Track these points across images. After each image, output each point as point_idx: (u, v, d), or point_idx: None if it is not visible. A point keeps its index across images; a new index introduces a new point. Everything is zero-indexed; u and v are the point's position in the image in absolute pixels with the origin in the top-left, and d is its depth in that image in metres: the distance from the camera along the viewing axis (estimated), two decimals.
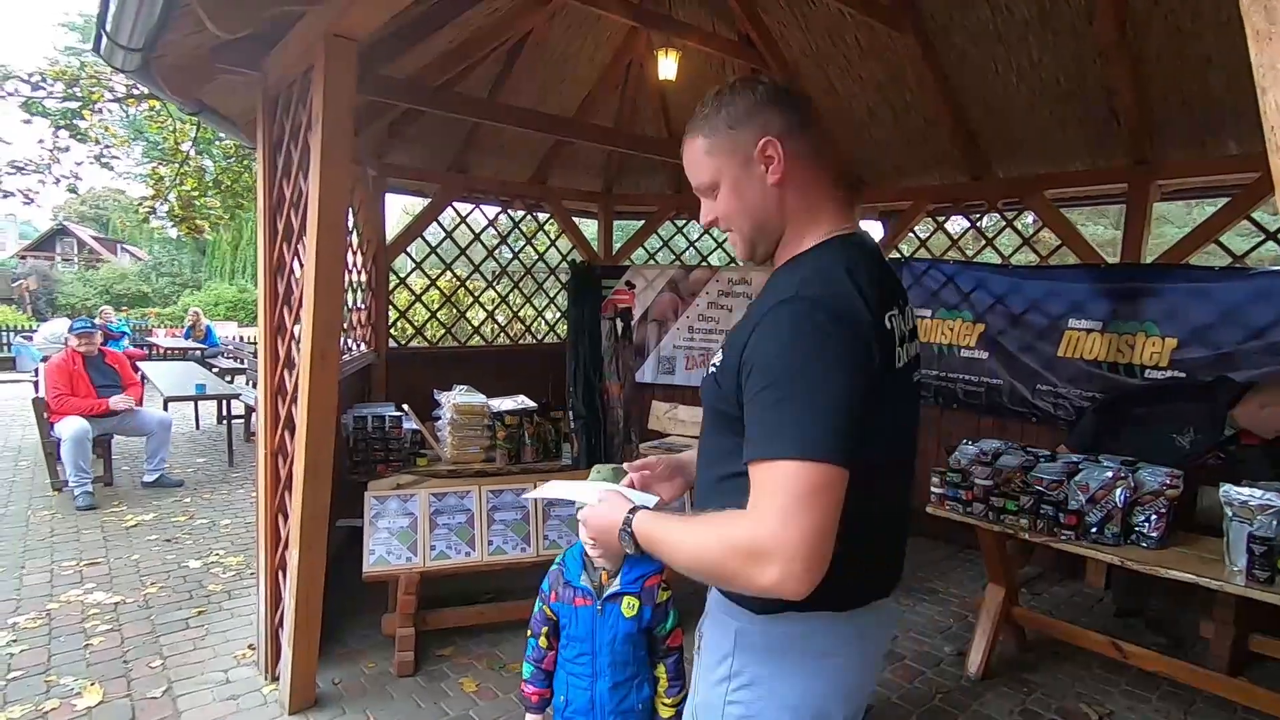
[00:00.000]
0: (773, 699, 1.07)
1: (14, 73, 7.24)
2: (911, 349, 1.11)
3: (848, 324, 0.95)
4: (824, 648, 1.08)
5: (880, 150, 4.67)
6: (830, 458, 0.89)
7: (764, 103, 1.08)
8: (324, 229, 2.15)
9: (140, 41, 2.11)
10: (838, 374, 0.92)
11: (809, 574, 0.88)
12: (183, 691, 2.69)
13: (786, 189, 1.08)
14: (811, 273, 1.03)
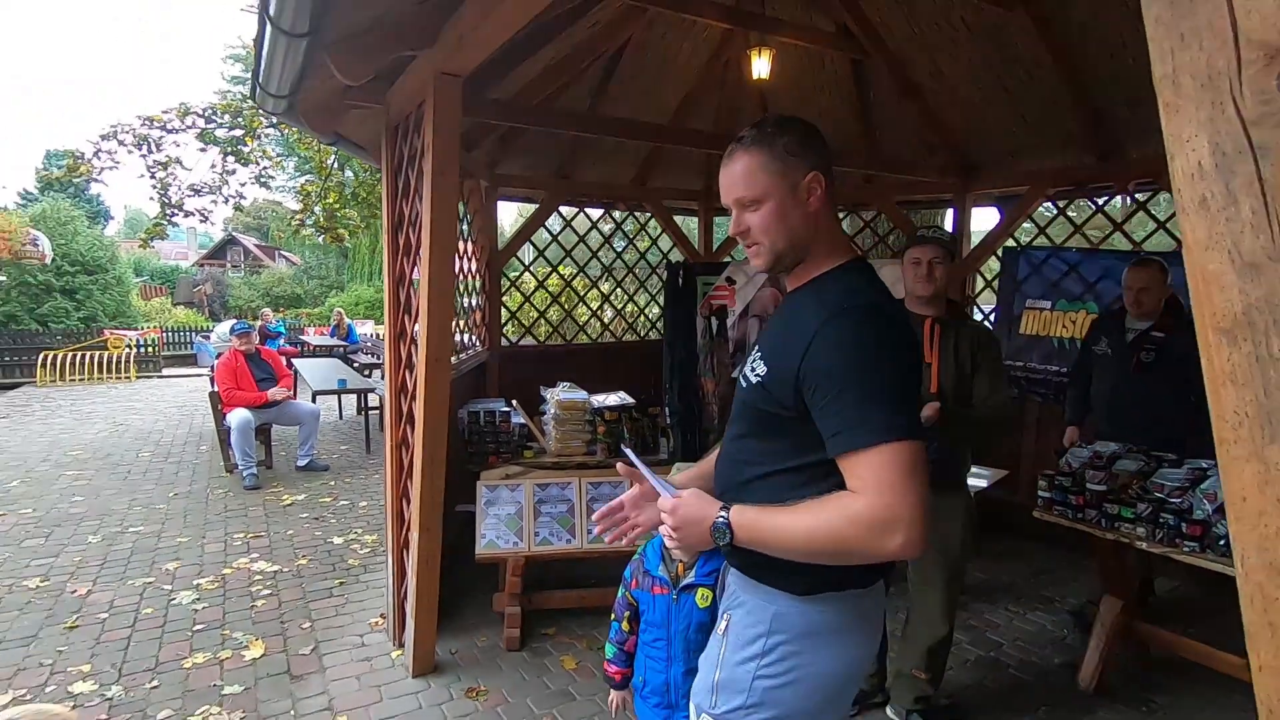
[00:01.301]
0: (806, 672, 1.21)
1: (192, 108, 8.33)
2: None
3: (900, 325, 1.17)
4: (851, 623, 1.23)
5: (995, 133, 4.43)
6: (916, 435, 1.07)
7: (812, 139, 1.23)
8: (435, 247, 2.40)
9: (286, 89, 2.45)
10: (902, 367, 1.13)
11: (924, 535, 1.05)
12: (327, 651, 3.09)
13: (819, 218, 1.24)
14: (849, 289, 1.19)
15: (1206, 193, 0.47)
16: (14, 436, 7.51)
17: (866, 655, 1.28)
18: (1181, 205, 0.49)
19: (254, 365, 6.02)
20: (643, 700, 1.83)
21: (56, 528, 4.59)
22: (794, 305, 1.26)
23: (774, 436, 1.22)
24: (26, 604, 3.49)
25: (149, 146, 8.33)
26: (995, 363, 2.46)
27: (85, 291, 18.71)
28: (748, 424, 1.28)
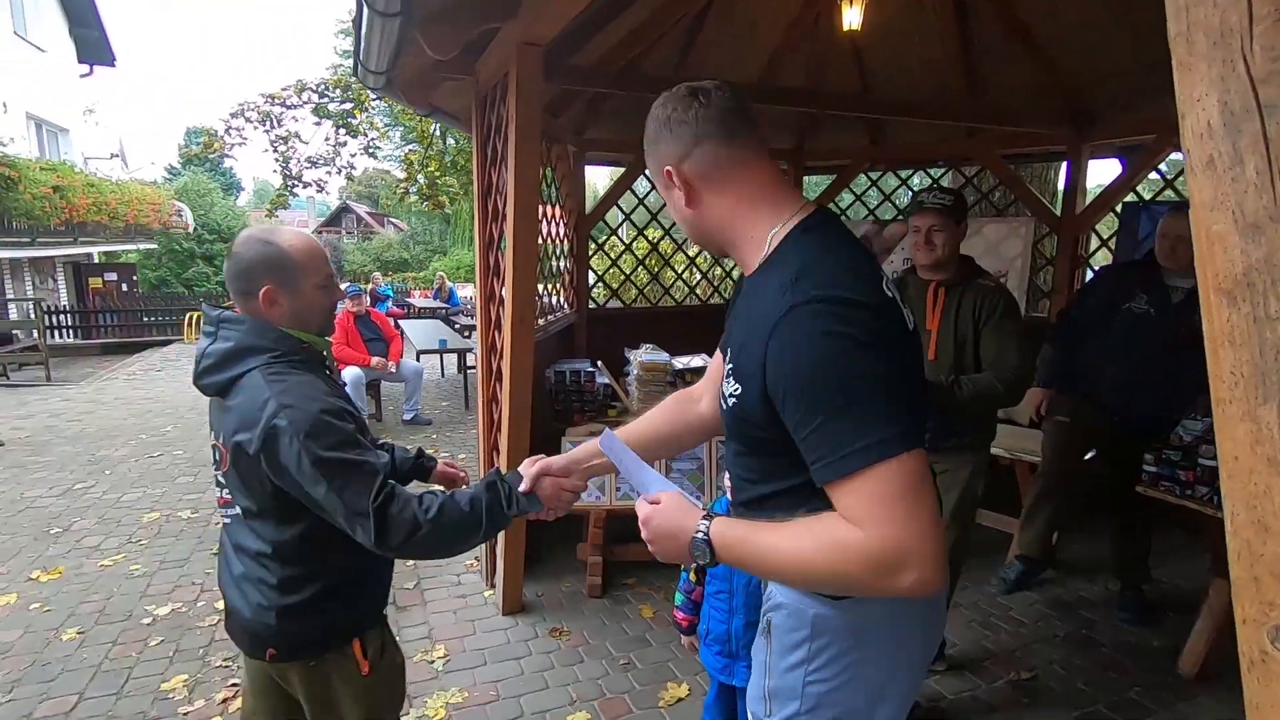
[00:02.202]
0: (858, 671, 1.09)
1: (307, 84, 8.90)
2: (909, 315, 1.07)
3: (862, 311, 0.92)
4: (900, 615, 1.08)
5: (1115, 77, 4.05)
6: (911, 444, 0.89)
7: (663, 128, 1.07)
8: (519, 213, 2.51)
9: (384, 66, 2.60)
10: (876, 364, 0.91)
11: (941, 566, 0.89)
12: (428, 587, 3.38)
13: (703, 207, 1.08)
14: (797, 274, 0.96)
15: (1214, 152, 0.47)
16: (168, 387, 8.49)
17: (924, 645, 1.15)
18: (1190, 166, 0.49)
19: (363, 326, 6.49)
20: (706, 648, 1.92)
21: (203, 467, 5.20)
22: (748, 296, 1.06)
23: (772, 454, 1.05)
24: (180, 532, 4.02)
25: (271, 122, 9.00)
26: (1005, 322, 2.26)
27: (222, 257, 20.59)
28: (741, 443, 1.13)
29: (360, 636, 1.41)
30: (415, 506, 1.25)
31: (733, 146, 1.04)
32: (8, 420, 6.56)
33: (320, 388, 1.32)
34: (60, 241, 11.98)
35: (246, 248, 1.37)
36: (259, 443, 1.24)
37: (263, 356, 1.32)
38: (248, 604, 1.35)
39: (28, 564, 3.58)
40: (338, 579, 1.37)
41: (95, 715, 2.43)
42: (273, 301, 1.35)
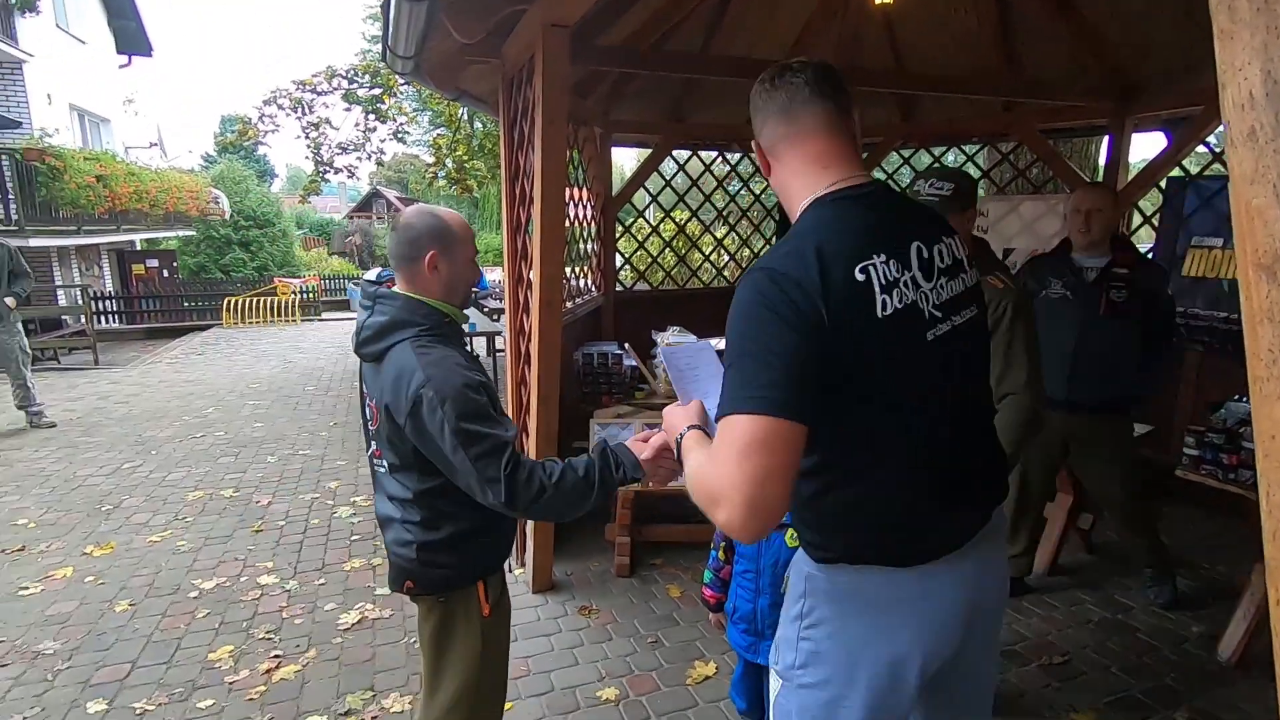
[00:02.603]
0: (836, 641, 1.14)
1: (337, 71, 8.99)
2: (925, 291, 1.08)
3: (783, 288, 0.98)
4: (884, 599, 1.12)
5: (1161, 46, 3.89)
6: (767, 410, 0.94)
7: (751, 106, 1.19)
8: (546, 195, 2.52)
9: (411, 50, 2.62)
10: (772, 336, 0.97)
11: (752, 518, 0.95)
12: None
13: (773, 178, 1.20)
14: (776, 247, 1.09)
15: (1255, 124, 0.45)
16: (209, 370, 8.75)
17: (913, 640, 1.12)
18: (1230, 138, 0.47)
19: None
20: (733, 625, 1.94)
21: (243, 448, 5.37)
22: None
23: None
24: (223, 510, 4.16)
25: (302, 109, 9.11)
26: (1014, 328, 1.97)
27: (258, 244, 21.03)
28: None
29: (484, 580, 1.58)
30: (540, 473, 1.40)
31: (791, 124, 1.13)
32: (60, 402, 6.83)
33: (460, 361, 1.47)
34: (104, 229, 12.34)
35: (418, 219, 1.54)
36: (407, 410, 1.40)
37: (412, 330, 1.47)
38: (394, 542, 1.55)
39: (82, 539, 3.75)
40: (469, 525, 1.53)
41: (147, 683, 2.55)
42: (434, 266, 1.51)
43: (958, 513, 1.15)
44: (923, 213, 1.18)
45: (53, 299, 11.45)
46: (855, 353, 1.01)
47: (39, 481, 4.64)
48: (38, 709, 2.41)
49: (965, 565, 1.15)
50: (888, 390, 1.05)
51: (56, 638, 2.83)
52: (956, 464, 1.13)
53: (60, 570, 3.39)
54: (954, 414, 1.13)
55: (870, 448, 1.08)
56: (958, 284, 1.14)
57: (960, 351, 1.12)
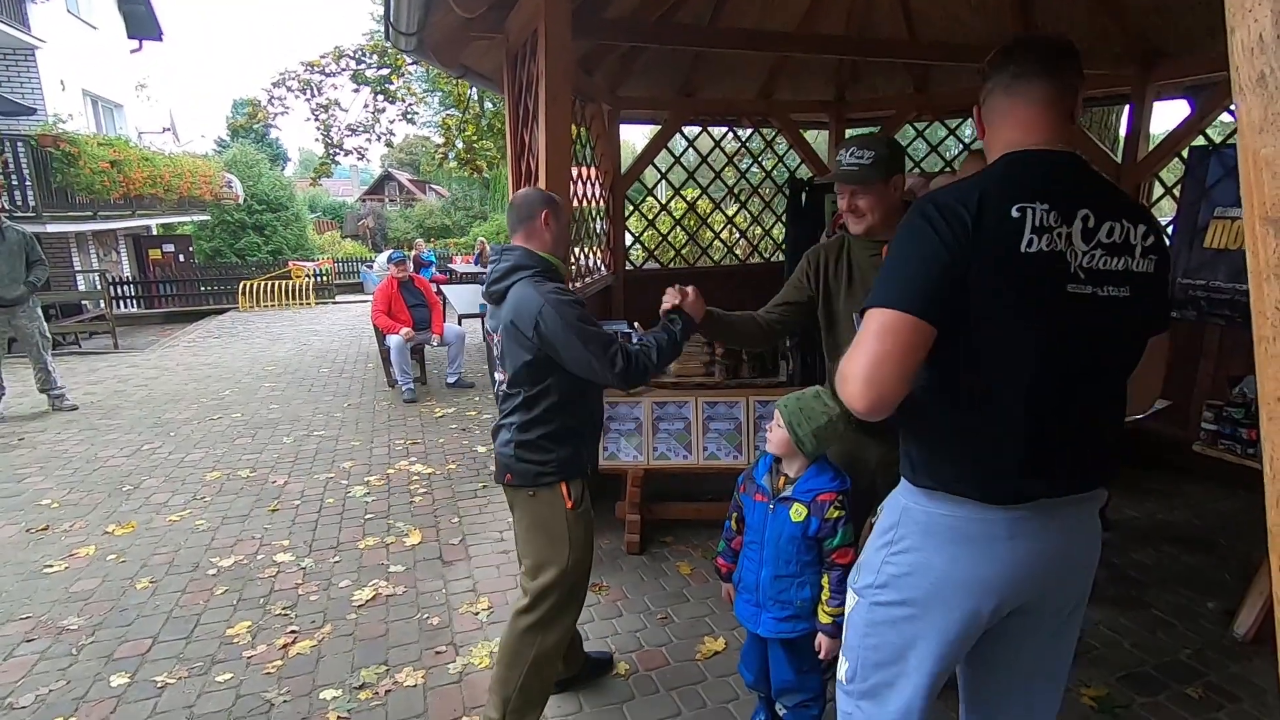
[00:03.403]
0: (920, 567, 1.25)
1: (345, 51, 8.94)
2: (1076, 250, 1.14)
3: (938, 210, 1.13)
4: (971, 534, 1.21)
5: (1185, 11, 3.77)
6: (893, 304, 1.10)
7: (985, 75, 1.29)
8: (551, 171, 2.50)
9: (414, 27, 2.59)
10: (916, 246, 1.14)
11: (866, 392, 1.10)
12: (472, 542, 3.49)
13: (987, 141, 1.30)
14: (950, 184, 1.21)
15: (1265, 68, 0.43)
16: (225, 353, 8.85)
17: (1001, 576, 1.20)
18: (1238, 84, 0.45)
19: (406, 292, 6.60)
20: (738, 596, 1.95)
21: (260, 429, 5.43)
22: None
23: None
24: (240, 490, 4.22)
25: (311, 91, 9.09)
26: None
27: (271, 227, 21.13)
28: None
29: (567, 480, 1.94)
30: (637, 349, 1.87)
31: (1009, 94, 1.24)
32: (81, 386, 6.94)
33: (566, 291, 1.89)
34: (120, 215, 12.45)
35: (530, 191, 2.05)
36: (533, 324, 1.81)
37: (528, 272, 1.91)
38: (500, 444, 1.98)
39: (104, 519, 3.82)
40: (558, 430, 1.92)
41: (168, 657, 2.61)
42: (547, 224, 1.97)
43: (1059, 468, 1.20)
44: (1107, 192, 1.21)
45: (72, 284, 11.60)
46: (994, 277, 1.11)
47: (62, 463, 4.73)
48: (63, 681, 2.47)
49: (1056, 520, 1.21)
50: (1017, 321, 1.13)
51: (80, 614, 2.90)
52: (1071, 423, 1.19)
53: (83, 549, 3.47)
54: (1078, 375, 1.18)
55: (991, 374, 1.16)
56: (1118, 262, 1.17)
57: (1098, 322, 1.17)
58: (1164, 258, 1.22)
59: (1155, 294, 1.22)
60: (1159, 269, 1.21)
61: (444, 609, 2.91)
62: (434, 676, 2.48)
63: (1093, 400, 1.21)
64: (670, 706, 2.30)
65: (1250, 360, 1.93)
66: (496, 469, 2.02)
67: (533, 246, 1.96)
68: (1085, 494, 1.24)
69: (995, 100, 1.26)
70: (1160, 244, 1.21)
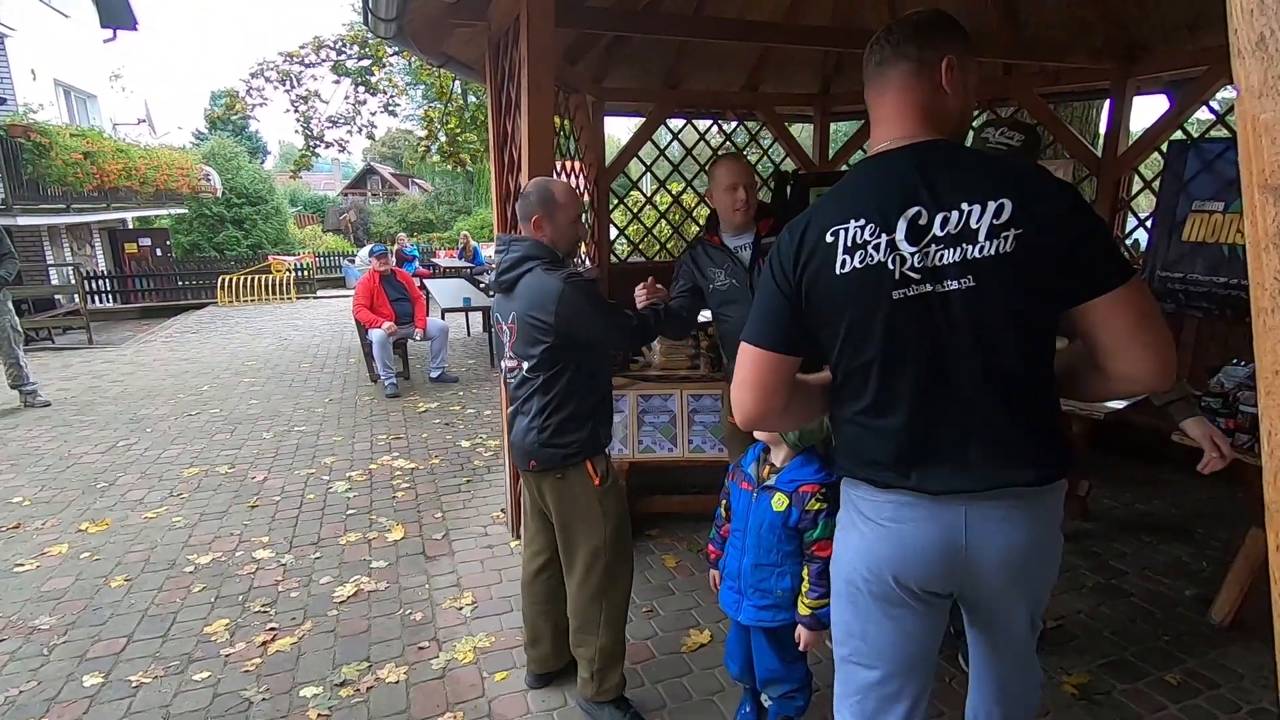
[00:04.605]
0: (838, 540, 1.41)
1: (324, 41, 8.80)
2: (902, 254, 1.15)
3: (777, 247, 1.27)
4: (867, 512, 1.31)
5: (1165, 6, 3.80)
6: (747, 338, 1.28)
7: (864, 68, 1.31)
8: (534, 161, 2.46)
9: (393, 13, 2.54)
10: (764, 282, 1.30)
11: (736, 411, 1.33)
12: (456, 537, 3.46)
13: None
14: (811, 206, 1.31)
15: (1266, 30, 0.41)
16: (203, 349, 8.70)
17: (887, 552, 1.27)
18: (1237, 47, 0.43)
19: (388, 286, 6.53)
20: (723, 583, 1.95)
21: (239, 425, 5.35)
22: None
23: None
24: (219, 486, 4.15)
25: (291, 82, 8.94)
26: None
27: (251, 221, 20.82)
28: None
29: (591, 459, 2.03)
30: (645, 318, 2.18)
31: (870, 85, 1.28)
32: (54, 382, 6.80)
33: (576, 272, 1.97)
34: (94, 207, 12.20)
35: (533, 187, 2.06)
36: (554, 308, 1.88)
37: (537, 262, 1.97)
38: (521, 430, 2.04)
39: (77, 516, 3.74)
40: (576, 411, 2.00)
41: (143, 656, 2.56)
42: (539, 226, 2.01)
43: (943, 461, 1.21)
44: (960, 176, 1.14)
45: (45, 279, 11.36)
46: (822, 300, 1.22)
47: (34, 460, 4.63)
48: (34, 682, 2.41)
49: (955, 513, 1.23)
50: (855, 338, 1.21)
51: (52, 613, 2.83)
52: (948, 419, 1.20)
53: (56, 547, 3.39)
54: (946, 373, 1.18)
55: (850, 385, 1.26)
56: (954, 254, 1.12)
57: (946, 317, 1.15)
58: (1040, 228, 1.09)
59: (1025, 270, 1.11)
60: (1028, 241, 1.09)
61: (427, 604, 2.88)
62: (417, 672, 2.45)
63: (972, 398, 1.18)
64: (656, 699, 2.29)
65: (1227, 351, 1.93)
66: (517, 456, 2.09)
67: (540, 237, 2.01)
68: (999, 489, 1.20)
69: (868, 99, 1.27)
70: (1033, 213, 1.09)
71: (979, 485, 1.20)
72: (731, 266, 2.45)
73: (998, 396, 1.18)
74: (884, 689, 1.35)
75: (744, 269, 2.42)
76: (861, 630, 1.35)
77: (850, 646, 1.39)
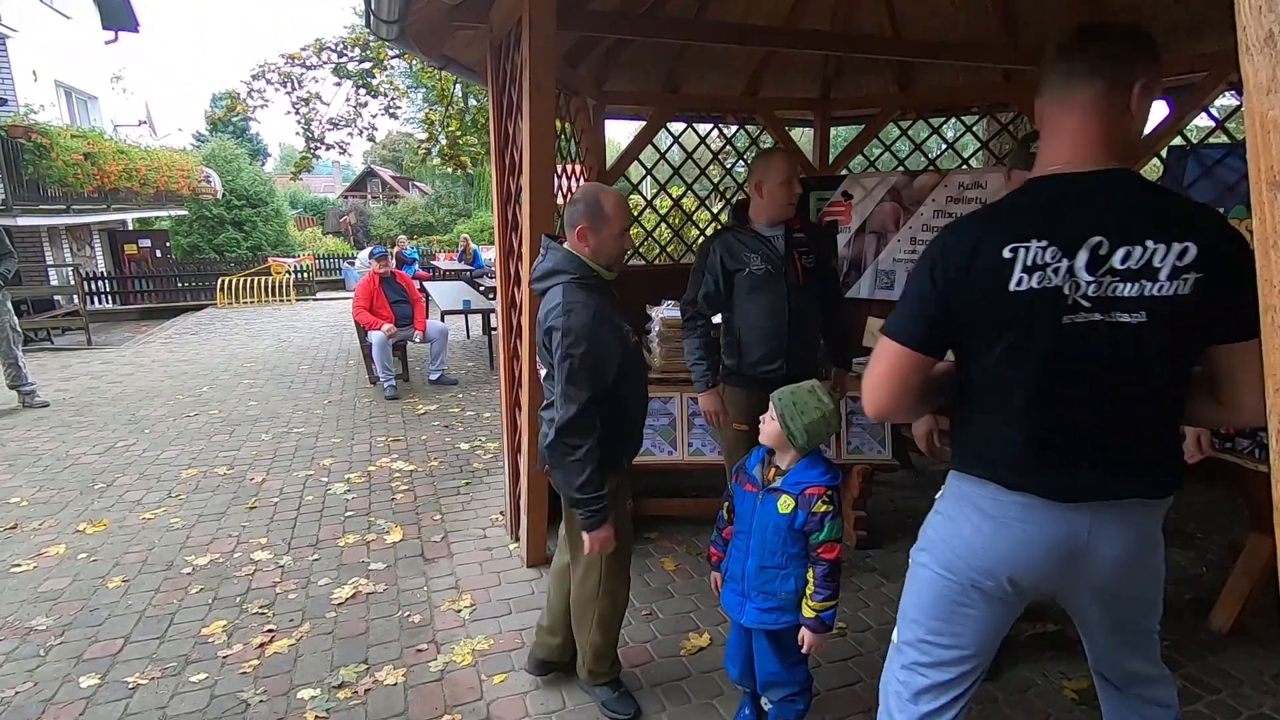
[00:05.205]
0: (941, 529, 1.41)
1: (326, 44, 8.81)
2: (1078, 281, 1.17)
3: (942, 250, 1.26)
4: (986, 510, 1.32)
5: (1163, 10, 3.81)
6: (891, 334, 1.30)
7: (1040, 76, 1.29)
8: (535, 162, 2.47)
9: (395, 14, 2.55)
10: (918, 282, 1.29)
11: (868, 404, 1.36)
12: (454, 540, 3.45)
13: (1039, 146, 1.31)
14: (974, 212, 1.31)
15: (1275, 27, 0.41)
16: (202, 350, 8.69)
17: (1003, 552, 1.31)
18: (1245, 44, 0.43)
19: (388, 288, 6.53)
20: (725, 585, 1.95)
21: (237, 426, 5.34)
22: None
23: None
24: (217, 487, 4.14)
25: (292, 84, 8.95)
26: None
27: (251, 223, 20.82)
28: None
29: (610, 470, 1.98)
30: (586, 444, 1.87)
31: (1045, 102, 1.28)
32: (52, 382, 6.78)
33: (592, 309, 1.88)
34: (94, 208, 12.20)
35: (581, 194, 2.00)
36: (544, 330, 1.92)
37: (566, 276, 1.94)
38: (541, 433, 2.03)
39: (75, 517, 3.73)
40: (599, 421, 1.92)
41: (140, 657, 2.55)
42: (583, 236, 1.96)
43: (1069, 473, 1.26)
44: (1146, 211, 1.17)
45: (44, 279, 11.35)
46: (985, 313, 1.23)
47: (32, 460, 4.62)
48: (30, 683, 2.40)
49: (1081, 518, 1.27)
50: (1013, 353, 1.23)
51: (49, 614, 2.82)
52: (1080, 435, 1.25)
53: (53, 548, 3.38)
54: (1088, 396, 1.23)
55: (994, 394, 1.28)
56: (1132, 288, 1.16)
57: (1108, 347, 1.19)
58: (1217, 274, 1.14)
59: (1196, 312, 1.15)
60: (1205, 286, 1.14)
61: (425, 606, 2.87)
62: (415, 675, 2.44)
63: (1115, 417, 1.23)
64: (655, 703, 2.28)
65: None
66: (539, 456, 2.13)
67: (583, 246, 1.97)
68: (1117, 501, 1.27)
69: (1045, 106, 1.26)
70: (1214, 259, 1.13)
71: (1109, 495, 1.27)
72: (766, 253, 2.58)
73: (1139, 417, 1.24)
74: (956, 668, 1.41)
75: (779, 256, 2.57)
76: (948, 614, 1.39)
77: (928, 627, 1.42)
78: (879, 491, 3.70)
